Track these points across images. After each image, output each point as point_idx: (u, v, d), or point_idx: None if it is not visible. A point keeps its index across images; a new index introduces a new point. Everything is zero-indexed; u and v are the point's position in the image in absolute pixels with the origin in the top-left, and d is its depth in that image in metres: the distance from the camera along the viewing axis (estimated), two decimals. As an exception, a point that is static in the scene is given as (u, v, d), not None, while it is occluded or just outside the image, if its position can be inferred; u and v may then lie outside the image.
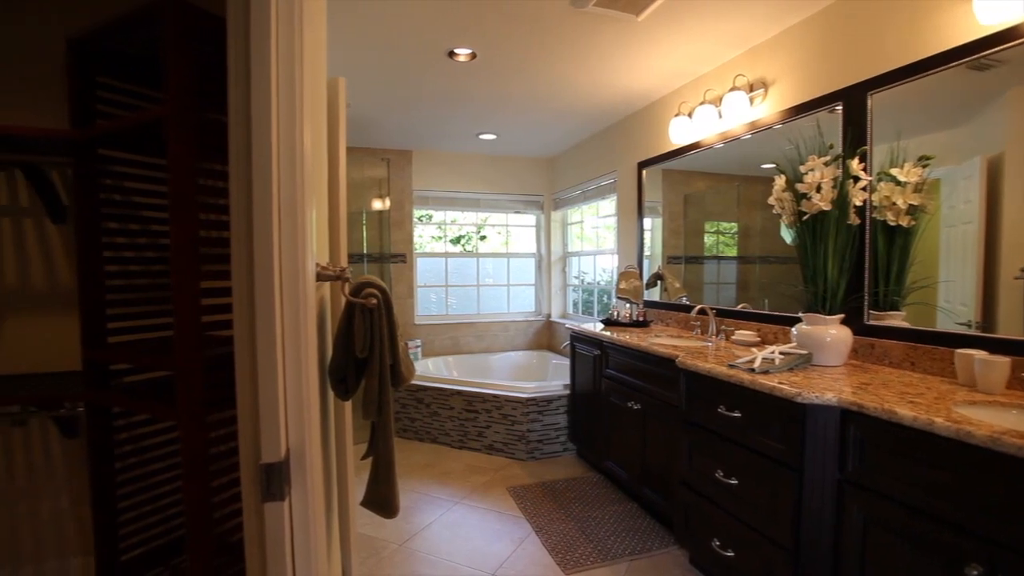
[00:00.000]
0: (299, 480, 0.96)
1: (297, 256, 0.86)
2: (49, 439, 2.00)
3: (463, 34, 2.45)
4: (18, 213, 1.93)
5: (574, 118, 3.79)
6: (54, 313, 1.98)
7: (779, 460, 1.63)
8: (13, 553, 1.99)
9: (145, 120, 1.47)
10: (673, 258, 3.34)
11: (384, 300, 1.11)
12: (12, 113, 1.88)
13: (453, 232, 5.36)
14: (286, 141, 0.86)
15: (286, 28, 0.88)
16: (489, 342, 4.96)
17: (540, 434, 3.50)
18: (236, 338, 0.90)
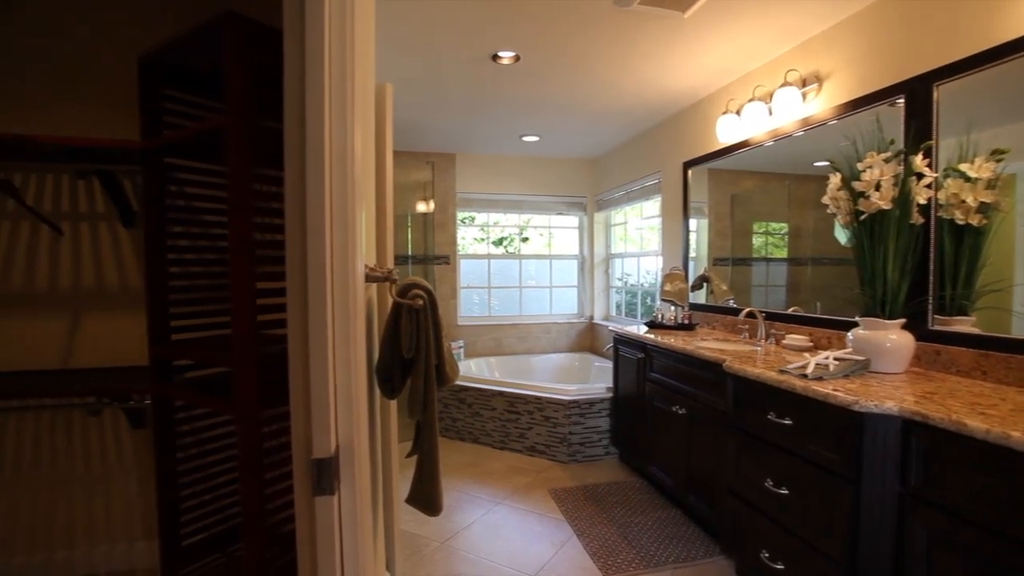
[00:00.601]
0: (348, 475, 0.99)
1: (347, 258, 0.89)
2: (120, 429, 2.14)
3: (507, 37, 2.47)
4: (95, 218, 2.07)
5: (617, 118, 3.75)
6: (125, 311, 2.11)
7: (833, 471, 1.56)
8: (89, 532, 2.14)
9: (207, 129, 1.55)
10: (719, 260, 3.26)
11: (430, 301, 1.14)
12: (90, 127, 2.02)
13: (495, 234, 5.39)
14: (338, 147, 0.89)
15: (338, 40, 0.91)
16: (531, 343, 4.96)
17: (582, 437, 3.47)
18: (290, 337, 0.94)
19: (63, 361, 2.08)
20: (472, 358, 4.69)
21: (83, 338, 2.10)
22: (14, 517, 2.07)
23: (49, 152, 1.77)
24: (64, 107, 2.02)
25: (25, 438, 2.07)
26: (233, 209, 1.46)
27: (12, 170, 1.98)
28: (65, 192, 2.04)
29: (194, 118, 1.91)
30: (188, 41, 1.61)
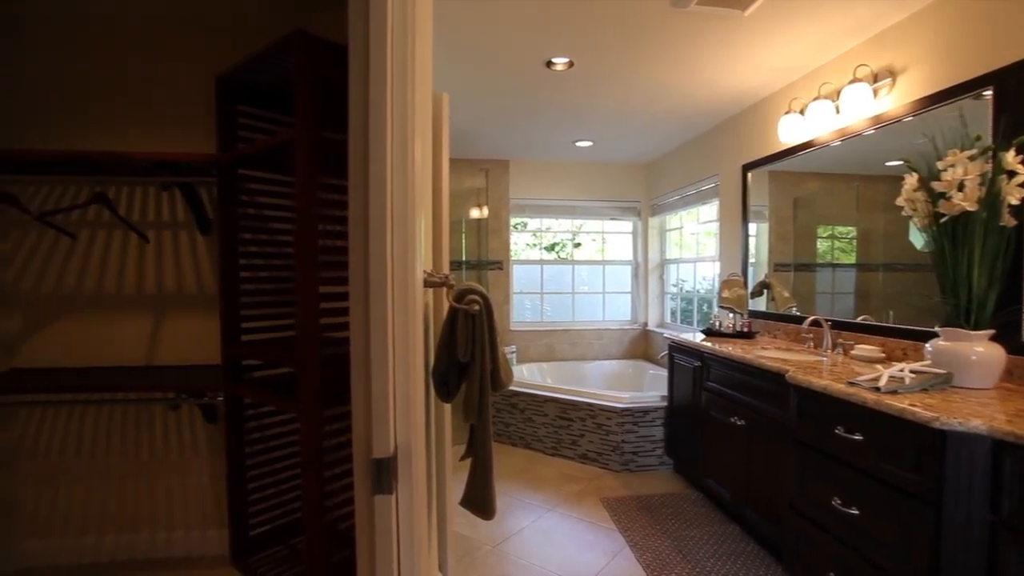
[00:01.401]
0: (405, 475, 1.02)
1: (407, 263, 0.91)
2: (195, 423, 2.28)
3: (561, 43, 2.47)
4: (176, 226, 2.23)
5: (673, 122, 3.68)
6: (200, 313, 2.26)
7: (910, 492, 1.46)
8: (167, 518, 2.29)
9: (277, 142, 1.64)
10: (781, 265, 3.12)
11: (486, 306, 1.15)
12: (172, 143, 2.19)
13: (547, 239, 5.40)
14: (399, 158, 0.92)
15: (400, 55, 0.94)
16: (583, 350, 4.92)
17: (635, 446, 3.40)
18: (352, 340, 0.98)
19: (148, 359, 2.25)
20: (524, 363, 4.70)
21: (164, 338, 2.26)
22: (105, 499, 2.26)
23: (140, 167, 1.93)
24: (150, 126, 2.19)
25: (115, 428, 2.25)
26: (299, 216, 1.53)
27: (108, 184, 2.17)
28: (151, 203, 2.22)
29: (263, 131, 2.03)
30: (260, 59, 1.71)
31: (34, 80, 2.15)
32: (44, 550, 2.24)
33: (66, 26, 2.14)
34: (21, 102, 2.15)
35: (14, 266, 2.19)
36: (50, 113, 2.16)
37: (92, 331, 2.22)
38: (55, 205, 2.15)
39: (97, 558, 2.26)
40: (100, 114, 2.17)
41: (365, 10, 0.97)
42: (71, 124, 2.16)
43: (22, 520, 2.23)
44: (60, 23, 2.13)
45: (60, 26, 2.14)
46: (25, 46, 2.14)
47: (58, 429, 2.23)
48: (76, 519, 2.25)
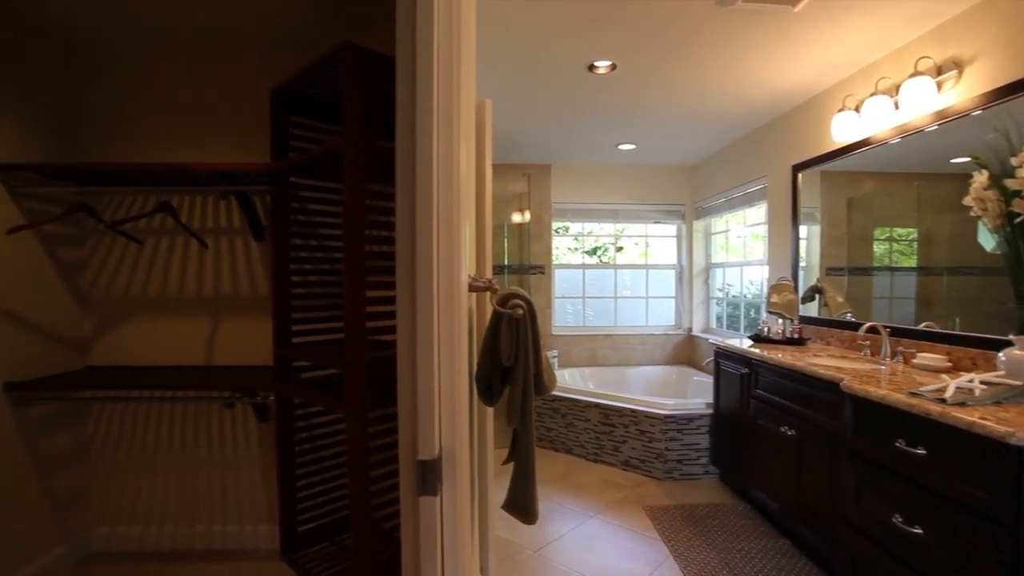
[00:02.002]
0: (450, 478, 1.03)
1: (453, 269, 0.93)
2: (248, 422, 2.38)
3: (603, 47, 2.46)
4: (232, 233, 2.35)
5: (718, 123, 3.59)
6: (253, 316, 2.36)
7: (982, 512, 1.37)
8: (222, 511, 2.40)
9: (327, 151, 1.70)
10: (834, 269, 2.99)
11: (529, 311, 1.16)
12: (229, 154, 2.30)
13: (589, 243, 5.36)
14: (444, 165, 0.94)
15: (445, 66, 0.96)
16: (626, 355, 4.85)
17: (679, 454, 3.33)
18: (399, 343, 1.00)
19: (206, 359, 2.36)
20: (566, 368, 4.68)
21: (220, 339, 2.37)
22: (167, 491, 2.38)
23: (201, 177, 2.04)
24: (209, 138, 2.31)
25: (176, 424, 2.38)
26: (347, 222, 1.58)
27: (171, 193, 2.30)
28: (210, 211, 2.33)
29: (313, 140, 2.11)
30: (312, 71, 1.78)
31: (106, 100, 2.31)
32: (114, 536, 2.38)
33: (132, 51, 2.29)
34: (94, 121, 2.31)
35: (90, 271, 2.35)
36: (120, 129, 2.31)
37: (156, 332, 2.36)
38: (125, 214, 2.30)
39: (159, 547, 2.38)
40: (164, 129, 2.31)
41: (412, 23, 0.99)
42: (139, 139, 2.31)
43: (95, 508, 2.38)
44: (127, 49, 2.28)
45: (127, 51, 2.29)
46: (100, 70, 2.30)
47: (126, 424, 2.38)
48: (141, 509, 2.39)
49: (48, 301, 2.18)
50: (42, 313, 2.15)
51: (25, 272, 2.08)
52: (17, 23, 2.04)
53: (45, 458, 2.16)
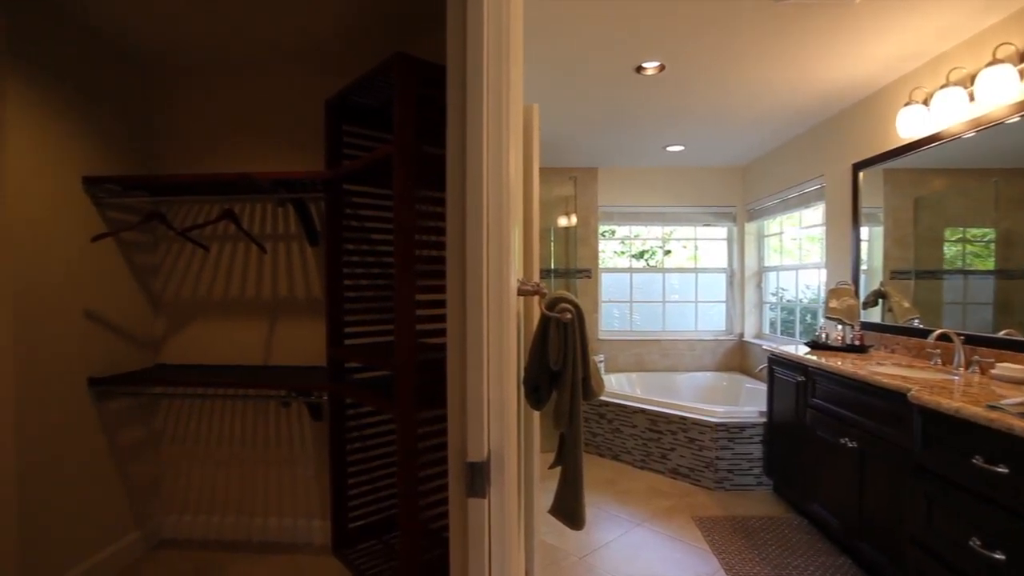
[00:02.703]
0: (498, 480, 1.04)
1: (502, 273, 0.94)
2: (303, 420, 2.48)
3: (651, 48, 2.43)
4: (289, 238, 2.45)
5: (772, 121, 3.47)
6: (307, 318, 2.45)
7: (1071, 535, 1.26)
8: (278, 505, 2.50)
9: (378, 158, 1.75)
10: (899, 272, 2.82)
11: (578, 315, 1.15)
12: (287, 162, 2.41)
13: (636, 247, 5.28)
14: (494, 172, 0.95)
15: (495, 74, 0.98)
16: (674, 360, 4.75)
17: (730, 463, 3.22)
18: (448, 346, 1.02)
19: (264, 359, 2.48)
20: (613, 373, 4.62)
21: (277, 340, 2.48)
22: (228, 484, 2.51)
23: (261, 186, 2.14)
24: (268, 148, 2.43)
25: (236, 420, 2.50)
26: (397, 227, 1.62)
27: (234, 201, 2.43)
28: (268, 217, 2.45)
29: (365, 148, 2.18)
30: (365, 82, 1.84)
31: (174, 115, 2.47)
32: (180, 524, 2.53)
33: (197, 70, 2.44)
34: (165, 135, 2.48)
35: (161, 275, 2.51)
36: (187, 142, 2.47)
37: (219, 333, 2.49)
38: (192, 222, 2.44)
39: (220, 536, 2.51)
40: (226, 140, 2.45)
41: (462, 31, 1.01)
42: (204, 151, 2.46)
43: (164, 497, 2.54)
44: (193, 68, 2.44)
45: (193, 70, 2.44)
46: (169, 88, 2.47)
47: (192, 419, 2.52)
48: (205, 499, 2.52)
49: (125, 303, 2.34)
50: (120, 314, 2.31)
51: (106, 276, 2.24)
52: (102, 50, 2.21)
53: (122, 449, 2.32)
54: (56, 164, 2.03)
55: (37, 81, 1.93)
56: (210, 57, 2.38)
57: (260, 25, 2.13)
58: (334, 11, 2.02)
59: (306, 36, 2.22)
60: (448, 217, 1.03)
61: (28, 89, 1.90)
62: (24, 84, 1.89)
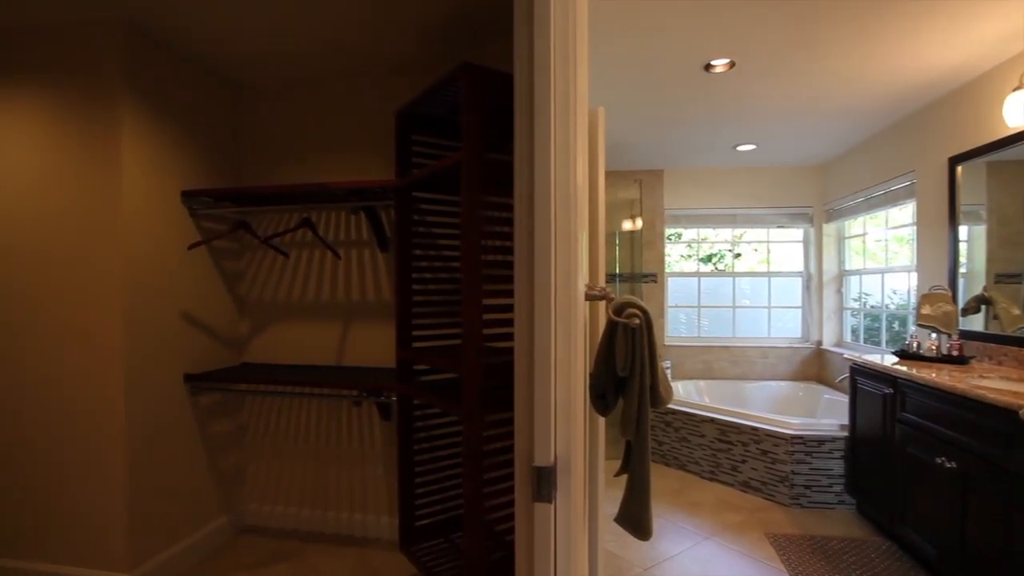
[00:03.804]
0: (564, 486, 1.04)
1: (570, 278, 0.94)
2: (373, 419, 2.58)
3: (721, 44, 2.35)
4: (361, 245, 2.57)
5: (853, 116, 3.25)
6: (378, 321, 2.55)
7: None
8: (349, 501, 2.61)
9: (446, 166, 1.80)
10: (1005, 276, 2.56)
11: (646, 320, 1.13)
12: (360, 172, 2.53)
13: (704, 250, 5.11)
14: (562, 175, 0.96)
15: (562, 81, 0.98)
16: (745, 368, 4.54)
17: (807, 478, 3.04)
18: (516, 351, 1.03)
19: (338, 360, 2.60)
20: (679, 380, 4.48)
21: (349, 341, 2.60)
22: (304, 478, 2.65)
23: (336, 195, 2.26)
24: (342, 159, 2.56)
25: (312, 417, 2.64)
26: (465, 233, 1.66)
27: (311, 210, 2.57)
28: (342, 225, 2.58)
29: (433, 157, 2.24)
30: (433, 92, 1.90)
31: (258, 130, 2.66)
32: (261, 513, 2.70)
33: (279, 86, 2.61)
34: (250, 148, 2.66)
35: (246, 280, 2.70)
36: (269, 155, 2.64)
37: (297, 334, 2.64)
38: (274, 230, 2.61)
39: (297, 526, 2.65)
40: (303, 152, 2.60)
41: (529, 40, 1.03)
42: (284, 163, 2.63)
43: (247, 486, 2.72)
44: (274, 85, 2.61)
45: (274, 87, 2.61)
46: (254, 105, 2.65)
47: (272, 414, 2.69)
48: (284, 491, 2.68)
49: (215, 306, 2.54)
50: (211, 316, 2.51)
51: (199, 281, 2.44)
52: (196, 73, 2.42)
53: (212, 440, 2.51)
54: (160, 179, 2.23)
55: (144, 105, 2.14)
56: (287, 75, 2.54)
57: (335, 42, 2.25)
58: (402, 25, 2.10)
59: (376, 50, 2.33)
60: (516, 222, 1.04)
61: (137, 113, 2.11)
62: (134, 109, 2.09)
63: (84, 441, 2.09)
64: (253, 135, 2.67)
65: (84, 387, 2.08)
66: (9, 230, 2.15)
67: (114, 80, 2.05)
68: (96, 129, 2.06)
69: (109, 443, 2.07)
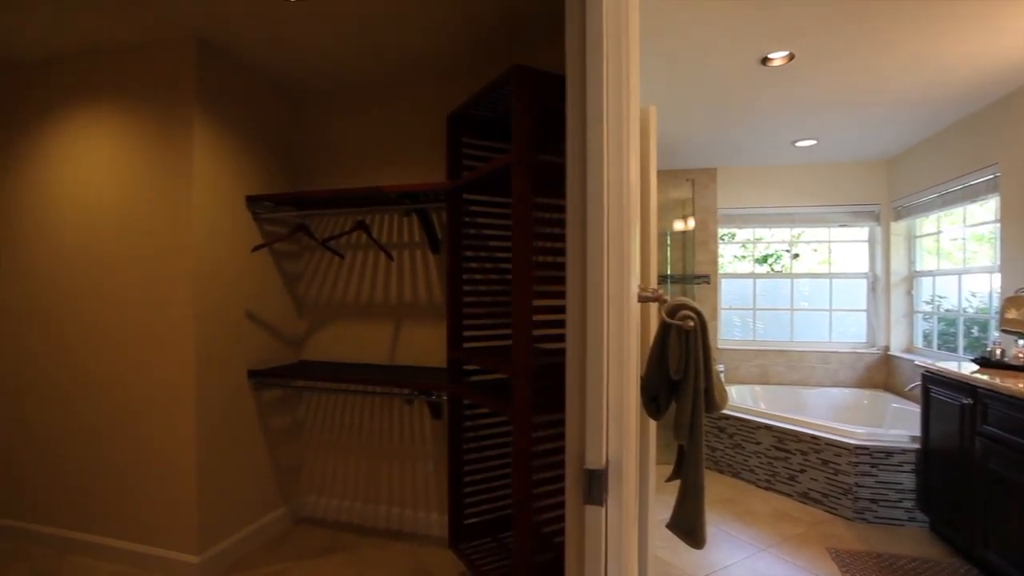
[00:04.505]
0: (615, 489, 1.02)
1: (623, 280, 0.93)
2: (424, 417, 2.63)
3: (779, 36, 2.26)
4: (413, 246, 2.62)
5: (924, 106, 3.05)
6: (429, 321, 2.60)
7: None
8: (400, 496, 2.67)
9: (496, 168, 1.81)
10: (1107, 278, 2.34)
11: (700, 323, 1.11)
12: (412, 175, 2.59)
13: (760, 251, 4.92)
14: (615, 176, 0.95)
15: (615, 82, 0.97)
16: (804, 374, 4.34)
17: (873, 492, 2.87)
18: (568, 353, 1.02)
19: (390, 359, 2.67)
20: (733, 384, 4.34)
21: (401, 341, 2.66)
22: (357, 472, 2.73)
23: (390, 198, 2.32)
24: (395, 163, 2.63)
25: (366, 414, 2.72)
26: (515, 234, 1.67)
27: (366, 213, 2.66)
28: (395, 227, 2.64)
29: (482, 159, 2.26)
30: (483, 96, 1.92)
31: (315, 136, 2.77)
32: (318, 505, 2.80)
33: (336, 93, 2.71)
34: (309, 154, 2.78)
35: (304, 281, 2.81)
36: (326, 160, 2.75)
37: (352, 333, 2.73)
38: (330, 233, 2.71)
39: (350, 519, 2.74)
40: (358, 157, 2.69)
41: (581, 40, 1.02)
42: (339, 168, 2.72)
43: (304, 478, 2.83)
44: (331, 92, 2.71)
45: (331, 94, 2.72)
46: (312, 112, 2.76)
47: (328, 410, 2.79)
48: (339, 484, 2.77)
49: (276, 305, 2.66)
50: (271, 315, 2.63)
51: (262, 282, 2.56)
52: (258, 85, 2.55)
53: (273, 433, 2.63)
54: (227, 186, 2.36)
55: (211, 116, 2.27)
56: (341, 82, 2.64)
57: (387, 51, 2.32)
58: (453, 31, 2.14)
59: (427, 57, 2.38)
60: (568, 224, 1.04)
61: (206, 124, 2.24)
62: (203, 120, 2.23)
63: (159, 430, 2.24)
64: (310, 141, 2.79)
65: (160, 380, 2.24)
66: (95, 236, 2.34)
67: (187, 94, 2.19)
68: (172, 140, 2.21)
69: (181, 433, 2.20)
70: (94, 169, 2.34)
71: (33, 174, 2.45)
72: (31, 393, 2.47)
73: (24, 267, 2.47)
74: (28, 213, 2.46)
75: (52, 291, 2.42)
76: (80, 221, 2.37)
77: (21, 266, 2.47)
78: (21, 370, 2.49)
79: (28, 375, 2.47)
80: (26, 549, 2.44)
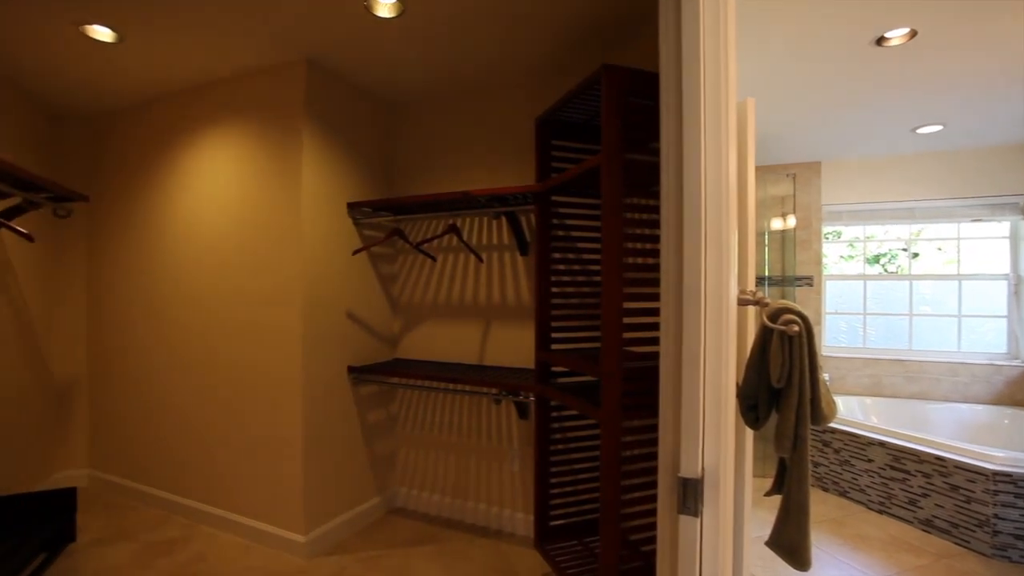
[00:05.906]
0: (711, 500, 0.98)
1: (721, 283, 0.89)
2: (511, 417, 2.67)
3: (897, 12, 2.05)
4: (502, 249, 2.68)
5: (1087, 79, 2.63)
6: (516, 323, 2.64)
7: None
8: (487, 493, 2.73)
9: (585, 169, 1.80)
10: None
11: (806, 328, 1.03)
12: (501, 179, 2.64)
13: (871, 249, 4.49)
14: (713, 174, 0.91)
15: (712, 70, 0.94)
16: (926, 386, 3.89)
17: (1018, 526, 2.51)
18: (662, 357, 1.00)
19: (479, 359, 2.74)
20: (838, 395, 3.99)
21: (490, 342, 2.72)
22: (447, 468, 2.83)
23: (479, 202, 2.39)
24: (485, 167, 2.70)
25: (455, 412, 2.81)
26: (605, 236, 1.65)
27: (457, 217, 2.75)
28: (484, 230, 2.71)
29: (570, 161, 2.26)
30: (572, 98, 1.92)
31: (409, 143, 2.91)
32: (409, 497, 2.94)
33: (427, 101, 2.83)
34: (403, 160, 2.92)
35: (399, 282, 2.96)
36: (419, 165, 2.88)
37: (443, 333, 2.83)
38: (423, 236, 2.83)
39: (439, 513, 2.84)
40: (449, 162, 2.79)
41: (676, 33, 0.99)
42: (432, 173, 2.84)
43: (397, 471, 2.98)
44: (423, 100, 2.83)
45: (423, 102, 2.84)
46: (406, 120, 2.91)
47: (419, 407, 2.91)
48: (428, 478, 2.89)
49: (373, 305, 2.83)
50: (369, 314, 2.80)
51: (360, 283, 2.74)
52: (358, 96, 2.72)
53: (369, 427, 2.79)
54: (330, 193, 2.55)
55: (317, 128, 2.47)
56: (433, 91, 2.75)
57: (476, 59, 2.38)
58: (540, 36, 2.16)
59: (515, 62, 2.41)
60: (663, 224, 1.02)
61: (312, 135, 2.43)
62: (310, 132, 2.42)
63: (271, 417, 2.46)
64: (402, 147, 2.93)
65: (271, 373, 2.46)
66: (218, 241, 2.62)
67: (297, 112, 2.39)
68: (283, 155, 2.43)
69: (290, 421, 2.41)
70: (220, 184, 2.63)
71: (174, 191, 2.80)
72: (170, 379, 2.82)
73: (172, 271, 2.82)
74: (171, 226, 2.81)
75: (186, 289, 2.74)
76: (210, 231, 2.67)
77: (170, 272, 2.83)
78: (164, 358, 2.84)
79: (168, 360, 2.82)
80: (170, 517, 2.79)
